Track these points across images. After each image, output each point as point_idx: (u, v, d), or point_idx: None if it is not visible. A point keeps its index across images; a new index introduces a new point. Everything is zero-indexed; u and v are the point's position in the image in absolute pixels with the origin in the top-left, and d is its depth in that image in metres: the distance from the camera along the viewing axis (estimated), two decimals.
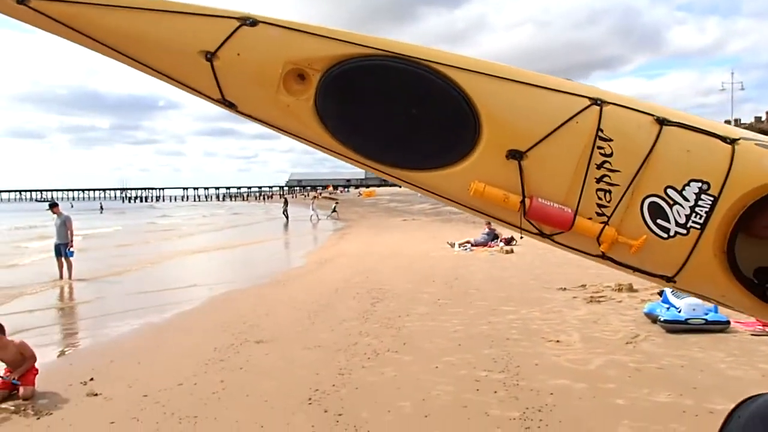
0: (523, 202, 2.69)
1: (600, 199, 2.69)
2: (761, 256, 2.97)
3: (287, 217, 40.38)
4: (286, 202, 45.16)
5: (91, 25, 2.80)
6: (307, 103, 2.89)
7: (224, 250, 21.55)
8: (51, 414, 5.30)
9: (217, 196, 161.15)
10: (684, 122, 2.63)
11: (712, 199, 2.57)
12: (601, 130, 2.65)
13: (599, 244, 2.72)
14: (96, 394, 5.72)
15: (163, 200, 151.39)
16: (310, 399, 5.40)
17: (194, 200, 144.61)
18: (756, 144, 2.58)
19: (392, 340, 7.41)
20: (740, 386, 5.42)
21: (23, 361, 6.00)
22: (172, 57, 2.87)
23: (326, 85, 2.86)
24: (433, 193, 3.18)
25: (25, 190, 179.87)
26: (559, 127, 2.68)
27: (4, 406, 5.52)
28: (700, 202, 2.58)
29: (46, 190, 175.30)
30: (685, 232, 2.60)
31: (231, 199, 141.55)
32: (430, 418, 4.99)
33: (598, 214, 2.70)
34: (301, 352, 7.03)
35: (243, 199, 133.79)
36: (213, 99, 2.96)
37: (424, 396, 5.47)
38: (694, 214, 2.59)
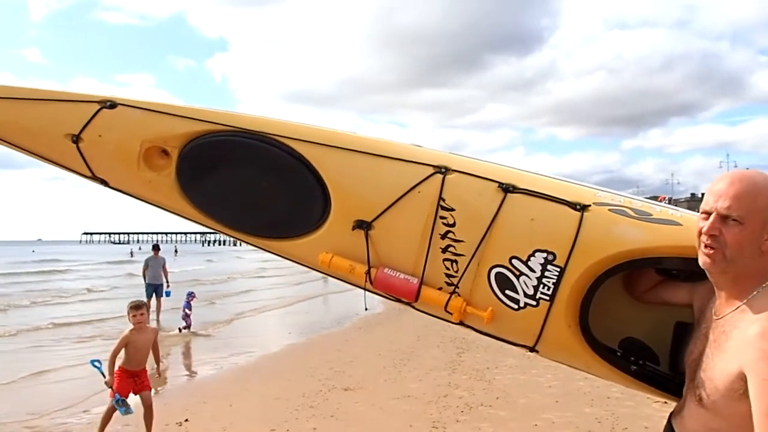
0: (368, 272, 2.66)
1: (448, 269, 2.56)
2: (644, 323, 2.62)
3: None
4: None
5: None
6: (169, 178, 2.92)
7: (305, 301, 21.75)
8: None
9: None
10: (531, 189, 2.47)
11: (558, 269, 2.40)
12: (443, 200, 2.54)
13: (449, 314, 2.58)
14: None
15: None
16: None
17: None
18: (610, 209, 2.38)
19: (484, 394, 7.13)
20: None
21: (149, 351, 5.86)
22: (42, 141, 3.00)
23: (182, 160, 2.87)
24: (294, 261, 3.08)
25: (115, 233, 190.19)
26: (401, 197, 2.58)
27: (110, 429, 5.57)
28: (546, 273, 2.41)
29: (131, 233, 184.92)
30: (534, 303, 2.45)
31: None
32: None
33: (448, 284, 2.57)
34: (390, 401, 6.86)
35: None
36: (86, 176, 3.08)
37: None
38: (541, 285, 2.42)
